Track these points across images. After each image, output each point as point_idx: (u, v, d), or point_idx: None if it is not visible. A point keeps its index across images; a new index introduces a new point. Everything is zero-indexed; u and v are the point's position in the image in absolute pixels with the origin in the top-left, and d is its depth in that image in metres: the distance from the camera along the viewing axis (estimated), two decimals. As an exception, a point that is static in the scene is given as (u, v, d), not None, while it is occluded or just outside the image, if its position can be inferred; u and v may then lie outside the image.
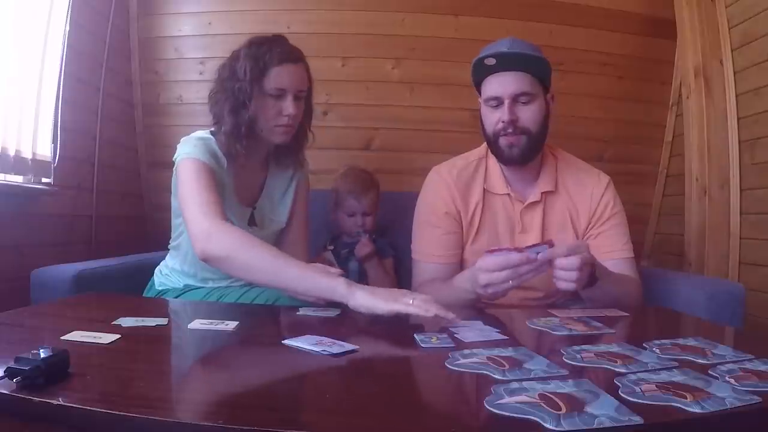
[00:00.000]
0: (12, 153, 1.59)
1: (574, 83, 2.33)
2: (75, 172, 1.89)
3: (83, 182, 1.94)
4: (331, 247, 1.85)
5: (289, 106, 1.31)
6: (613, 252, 1.34)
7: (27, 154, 1.66)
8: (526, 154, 1.32)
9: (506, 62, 1.28)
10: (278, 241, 1.49)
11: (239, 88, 1.28)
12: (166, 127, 2.32)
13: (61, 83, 1.80)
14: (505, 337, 0.89)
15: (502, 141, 1.31)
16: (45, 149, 1.76)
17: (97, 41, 2.05)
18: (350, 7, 2.27)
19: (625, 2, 2.35)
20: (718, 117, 2.05)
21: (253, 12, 2.27)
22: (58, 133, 1.79)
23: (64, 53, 1.81)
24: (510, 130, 1.29)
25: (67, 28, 1.82)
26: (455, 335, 0.90)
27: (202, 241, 1.08)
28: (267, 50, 1.30)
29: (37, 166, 1.70)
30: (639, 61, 2.39)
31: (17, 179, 1.65)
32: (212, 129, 1.36)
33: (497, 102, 1.30)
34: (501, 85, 1.29)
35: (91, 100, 2.02)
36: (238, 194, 1.37)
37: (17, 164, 1.61)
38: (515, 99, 1.29)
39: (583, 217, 1.38)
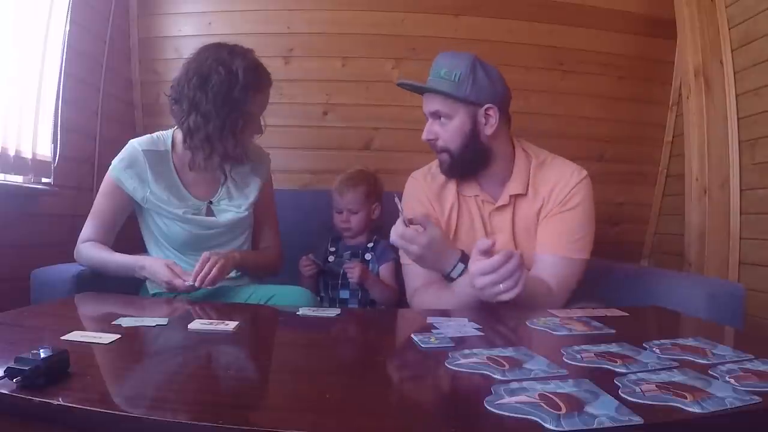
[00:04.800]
0: (12, 153, 1.59)
1: (575, 83, 2.34)
2: (75, 172, 1.89)
3: (83, 182, 1.94)
4: (333, 249, 1.85)
5: (262, 124, 1.44)
6: (553, 247, 1.30)
7: (27, 154, 1.66)
8: (454, 170, 1.37)
9: (414, 86, 1.38)
10: (253, 247, 1.56)
11: (238, 116, 1.35)
12: (166, 128, 2.31)
13: (61, 83, 1.80)
14: (482, 333, 0.92)
15: (437, 156, 1.39)
16: (45, 149, 1.76)
17: (97, 41, 2.05)
18: (350, 7, 2.27)
19: (625, 2, 2.35)
20: (718, 117, 2.05)
21: (253, 12, 2.27)
22: (58, 133, 1.79)
23: (64, 53, 1.81)
24: (432, 148, 1.38)
25: (67, 28, 1.82)
26: (435, 328, 0.94)
27: (76, 250, 1.39)
28: (258, 75, 1.37)
29: (37, 166, 1.70)
30: (639, 61, 2.39)
31: (17, 179, 1.65)
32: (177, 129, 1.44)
33: (426, 118, 1.38)
34: (424, 104, 1.37)
35: (91, 100, 2.02)
36: (194, 189, 1.44)
37: (17, 164, 1.61)
38: (434, 117, 1.35)
39: (545, 208, 1.36)
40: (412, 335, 0.88)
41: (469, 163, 1.36)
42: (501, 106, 1.34)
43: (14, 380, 0.59)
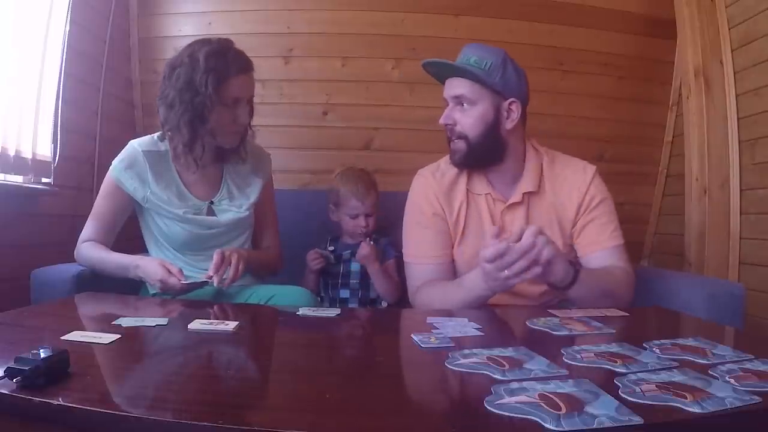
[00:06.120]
0: (12, 153, 1.59)
1: (575, 83, 2.34)
2: (75, 172, 1.89)
3: (83, 182, 1.94)
4: (332, 248, 1.85)
5: (243, 113, 1.38)
6: (601, 242, 1.33)
7: (27, 154, 1.66)
8: (467, 160, 1.35)
9: (442, 70, 1.34)
10: (253, 247, 1.55)
11: (200, 102, 1.30)
12: (166, 127, 2.33)
13: (61, 83, 1.80)
14: (482, 333, 0.92)
15: (450, 145, 1.37)
16: (45, 149, 1.76)
17: (97, 41, 2.05)
18: (350, 7, 2.27)
19: (625, 2, 2.35)
20: (718, 117, 2.05)
21: (253, 12, 2.27)
22: (58, 133, 1.79)
23: (64, 53, 1.81)
24: (449, 134, 1.35)
25: (67, 28, 1.82)
26: (435, 328, 0.94)
27: (76, 251, 1.39)
28: (225, 61, 1.32)
29: (37, 166, 1.70)
30: (639, 61, 2.39)
31: (17, 179, 1.65)
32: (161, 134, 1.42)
33: (445, 103, 1.36)
34: (446, 88, 1.36)
35: (91, 100, 2.02)
36: (194, 189, 1.44)
37: (17, 164, 1.61)
38: (456, 102, 1.33)
39: (571, 212, 1.37)
40: (412, 335, 0.87)
41: (484, 154, 1.35)
42: (523, 104, 1.36)
43: (14, 380, 0.59)
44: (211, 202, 1.45)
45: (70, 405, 0.56)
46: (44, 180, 1.75)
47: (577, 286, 1.15)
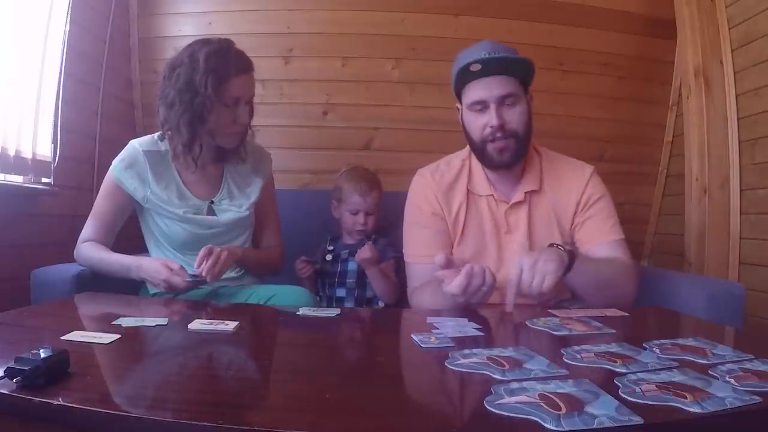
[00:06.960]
0: (12, 153, 1.59)
1: (575, 83, 2.34)
2: (75, 172, 1.89)
3: (83, 182, 1.94)
4: (331, 248, 1.85)
5: (243, 113, 1.38)
6: (600, 236, 1.34)
7: (27, 154, 1.66)
8: (516, 157, 1.33)
9: (491, 67, 1.29)
10: (254, 246, 1.56)
11: (199, 102, 1.30)
12: (166, 127, 2.32)
13: (61, 83, 1.80)
14: (482, 333, 0.91)
15: (491, 147, 1.32)
16: (45, 149, 1.76)
17: (97, 41, 2.05)
18: (350, 7, 2.27)
19: (625, 2, 2.35)
20: (718, 117, 2.05)
21: (253, 12, 2.27)
22: (58, 133, 1.79)
23: (64, 53, 1.81)
24: (499, 135, 1.30)
25: (67, 28, 1.83)
26: (435, 328, 0.93)
27: (76, 250, 1.39)
28: (225, 62, 1.32)
29: (37, 166, 1.70)
30: (639, 61, 2.39)
31: (17, 179, 1.65)
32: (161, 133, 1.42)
33: (482, 106, 1.31)
34: (486, 88, 1.29)
35: (91, 100, 2.02)
36: (195, 189, 1.44)
37: (17, 164, 1.61)
38: (501, 102, 1.30)
39: (569, 210, 1.38)
40: (412, 335, 0.87)
41: (527, 149, 1.36)
42: None
43: (14, 380, 0.59)
44: (212, 202, 1.45)
45: (70, 405, 0.56)
46: (44, 180, 1.75)
47: (572, 274, 1.14)
